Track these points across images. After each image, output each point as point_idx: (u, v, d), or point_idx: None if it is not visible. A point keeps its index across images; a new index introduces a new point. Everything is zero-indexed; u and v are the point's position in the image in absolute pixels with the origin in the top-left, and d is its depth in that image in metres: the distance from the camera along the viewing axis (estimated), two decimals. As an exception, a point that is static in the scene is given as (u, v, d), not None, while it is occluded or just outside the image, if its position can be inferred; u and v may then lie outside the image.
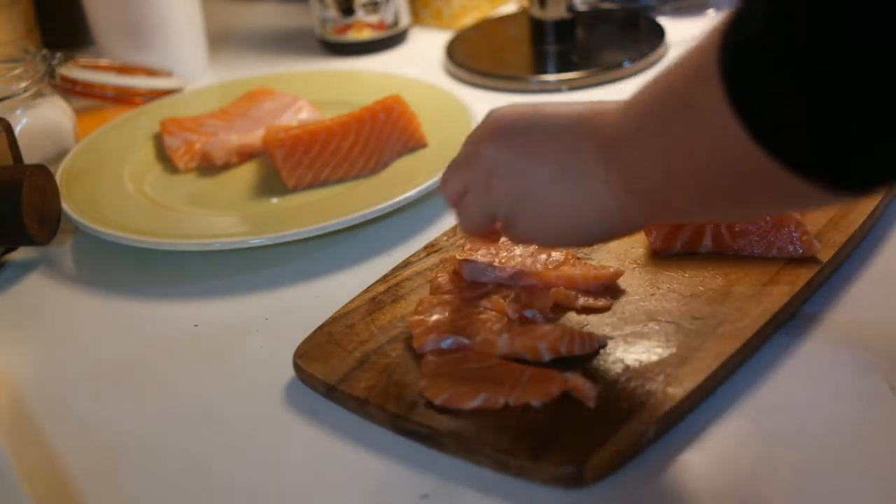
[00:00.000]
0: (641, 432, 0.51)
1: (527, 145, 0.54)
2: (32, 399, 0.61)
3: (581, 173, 0.52)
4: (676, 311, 0.59)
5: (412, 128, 0.82)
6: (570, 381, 0.53)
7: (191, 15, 1.05)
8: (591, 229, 0.54)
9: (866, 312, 0.60)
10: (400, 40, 1.10)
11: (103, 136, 0.89)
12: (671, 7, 1.10)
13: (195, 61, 1.07)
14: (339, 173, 0.79)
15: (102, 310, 0.70)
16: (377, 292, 0.64)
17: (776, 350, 0.58)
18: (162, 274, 0.73)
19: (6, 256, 0.76)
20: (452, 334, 0.57)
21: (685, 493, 0.50)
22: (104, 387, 0.62)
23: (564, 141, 0.53)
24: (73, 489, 0.54)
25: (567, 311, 0.61)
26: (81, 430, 0.59)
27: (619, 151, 0.50)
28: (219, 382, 0.61)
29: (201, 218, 0.77)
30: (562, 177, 0.52)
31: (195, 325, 0.67)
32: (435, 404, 0.54)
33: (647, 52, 0.98)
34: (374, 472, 0.53)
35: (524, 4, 1.12)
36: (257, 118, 0.89)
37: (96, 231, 0.74)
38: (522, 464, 0.50)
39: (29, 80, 0.82)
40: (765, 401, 0.54)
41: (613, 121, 0.50)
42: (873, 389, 0.54)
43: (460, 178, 0.58)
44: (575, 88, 0.95)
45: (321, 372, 0.58)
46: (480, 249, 0.65)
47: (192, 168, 0.85)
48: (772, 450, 0.51)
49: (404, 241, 0.73)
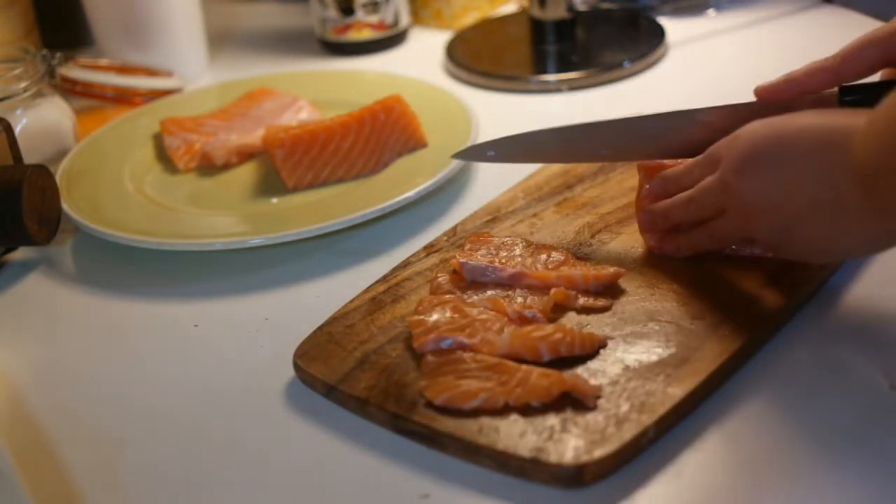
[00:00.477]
0: (641, 432, 0.51)
1: (780, 179, 0.55)
2: (32, 399, 0.61)
3: (839, 207, 0.53)
4: (676, 311, 0.59)
5: (412, 128, 0.82)
6: (570, 381, 0.53)
7: (191, 15, 1.05)
8: (860, 248, 0.56)
9: (866, 312, 0.60)
10: (400, 40, 1.10)
11: (103, 136, 0.89)
12: (671, 7, 1.10)
13: (195, 61, 1.07)
14: (339, 173, 0.80)
15: (102, 310, 0.70)
16: (377, 292, 0.64)
17: (776, 350, 0.58)
18: (162, 274, 0.73)
19: (6, 256, 0.76)
20: (452, 334, 0.57)
21: (685, 493, 0.50)
22: (104, 387, 0.62)
23: (816, 172, 0.53)
24: (73, 489, 0.54)
25: (567, 311, 0.61)
26: (81, 430, 0.59)
27: (878, 184, 0.50)
28: (219, 383, 0.61)
29: (201, 218, 0.77)
30: (820, 212, 0.54)
31: (195, 325, 0.67)
32: (435, 404, 0.54)
33: (647, 52, 0.98)
34: (374, 472, 0.53)
35: (524, 4, 1.12)
36: (257, 118, 0.89)
37: (96, 231, 0.74)
38: (522, 464, 0.50)
39: (29, 80, 0.82)
40: (764, 401, 0.54)
41: (863, 144, 0.51)
42: (873, 389, 0.54)
43: (709, 204, 0.60)
44: (575, 88, 0.95)
45: (321, 372, 0.58)
46: (481, 249, 0.66)
47: (192, 168, 0.85)
48: (771, 450, 0.51)
49: (404, 241, 0.73)
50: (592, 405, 0.53)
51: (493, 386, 0.54)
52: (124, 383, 0.62)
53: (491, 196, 0.75)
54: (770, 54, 0.97)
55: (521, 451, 0.51)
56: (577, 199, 0.72)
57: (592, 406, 0.53)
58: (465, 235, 0.69)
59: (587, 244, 0.67)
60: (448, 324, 0.58)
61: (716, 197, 0.59)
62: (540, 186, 0.75)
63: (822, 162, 0.53)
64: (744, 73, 0.95)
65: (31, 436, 0.58)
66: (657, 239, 0.64)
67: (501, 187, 0.76)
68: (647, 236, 0.65)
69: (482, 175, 0.81)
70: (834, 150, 0.52)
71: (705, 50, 1.01)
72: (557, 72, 0.96)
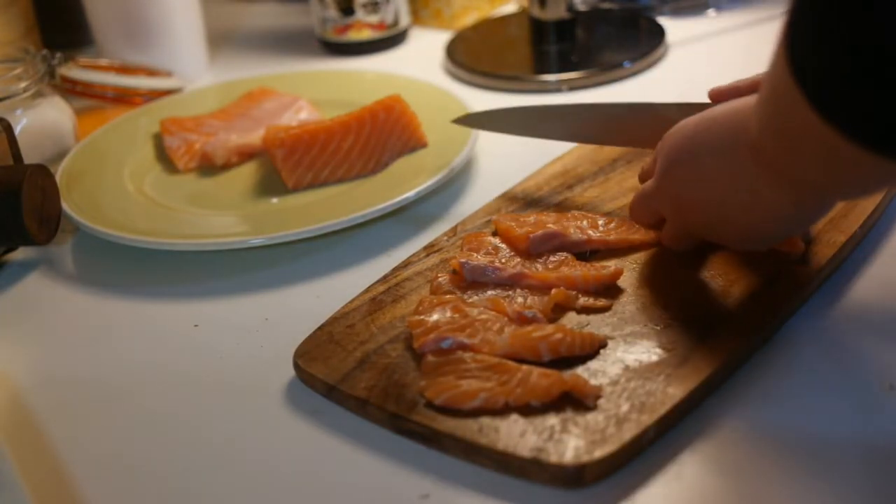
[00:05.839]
0: (642, 432, 0.51)
1: (700, 171, 0.57)
2: (32, 399, 0.61)
3: (752, 189, 0.54)
4: (676, 311, 0.59)
5: (412, 128, 0.82)
6: (571, 381, 0.53)
7: (191, 15, 1.05)
8: (780, 228, 0.57)
9: (866, 312, 0.60)
10: (400, 40, 1.10)
11: (103, 136, 0.89)
12: (671, 7, 1.10)
13: (195, 61, 1.07)
14: (339, 173, 0.79)
15: (102, 310, 0.70)
16: (377, 292, 0.64)
17: (776, 350, 0.58)
18: (162, 274, 0.73)
19: (6, 256, 0.76)
20: (452, 334, 0.57)
21: (685, 493, 0.50)
22: (104, 386, 0.62)
23: (728, 156, 0.55)
24: (73, 489, 0.54)
25: (567, 312, 0.61)
26: (81, 430, 0.59)
27: (767, 150, 0.51)
28: (219, 382, 0.61)
29: (201, 218, 0.77)
30: (738, 194, 0.55)
31: (195, 325, 0.67)
32: (435, 404, 0.54)
33: (647, 52, 0.98)
34: (374, 472, 0.53)
35: (524, 4, 1.12)
36: (257, 118, 0.89)
37: (96, 231, 0.73)
38: (522, 464, 0.50)
39: (29, 80, 0.82)
40: (765, 401, 0.54)
41: (754, 117, 0.52)
42: (873, 389, 0.54)
43: (649, 210, 0.63)
44: (575, 88, 0.95)
45: (321, 372, 0.58)
46: (481, 249, 0.66)
47: (192, 168, 0.85)
48: (772, 450, 0.51)
49: (404, 241, 0.73)
50: (593, 405, 0.53)
51: (494, 386, 0.54)
52: (124, 383, 0.62)
53: (491, 196, 0.75)
54: (770, 54, 0.97)
55: (521, 451, 0.51)
56: (577, 200, 0.72)
57: (593, 406, 0.53)
58: (464, 235, 0.69)
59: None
60: (448, 324, 0.58)
61: (652, 200, 0.61)
62: (540, 186, 0.75)
63: (731, 145, 0.54)
64: (744, 73, 0.95)
65: (31, 436, 0.58)
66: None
67: (501, 187, 0.76)
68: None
69: (482, 175, 0.81)
70: (739, 131, 0.54)
71: (705, 50, 1.01)
72: (557, 72, 0.96)
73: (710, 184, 0.56)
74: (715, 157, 0.56)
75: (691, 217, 0.59)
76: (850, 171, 0.48)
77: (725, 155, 0.55)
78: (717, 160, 0.55)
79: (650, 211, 0.63)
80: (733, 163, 0.54)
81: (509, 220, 0.68)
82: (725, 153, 0.55)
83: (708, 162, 0.56)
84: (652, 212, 0.63)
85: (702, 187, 0.57)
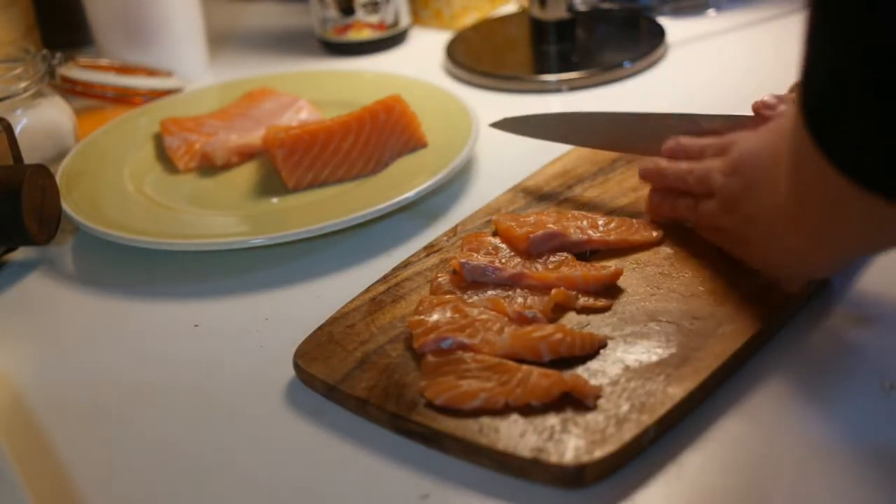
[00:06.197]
0: (642, 432, 0.51)
1: (750, 186, 0.58)
2: (32, 399, 0.61)
3: (778, 215, 0.55)
4: (676, 311, 0.59)
5: (412, 128, 0.82)
6: (571, 381, 0.53)
7: (191, 15, 1.05)
8: (789, 260, 0.58)
9: (866, 312, 0.60)
10: (400, 40, 1.10)
11: (103, 136, 0.89)
12: (671, 7, 1.10)
13: (195, 61, 1.07)
14: (339, 173, 0.79)
15: (102, 310, 0.70)
16: (377, 292, 0.64)
17: (776, 350, 0.58)
18: (162, 274, 0.73)
19: (6, 256, 0.76)
20: (453, 334, 0.57)
21: (685, 493, 0.50)
22: (104, 386, 0.62)
23: (770, 180, 0.55)
24: (73, 489, 0.54)
25: (567, 312, 0.61)
26: (81, 430, 0.59)
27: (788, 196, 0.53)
28: (219, 382, 0.61)
29: (201, 218, 0.77)
30: (768, 216, 0.56)
31: (195, 325, 0.67)
32: (435, 404, 0.54)
33: (647, 52, 0.98)
34: (374, 472, 0.53)
35: (524, 4, 1.12)
36: (257, 118, 0.89)
37: (96, 231, 0.73)
38: (523, 464, 0.50)
39: (29, 80, 0.82)
40: (765, 401, 0.54)
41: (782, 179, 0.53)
42: (873, 389, 0.54)
43: (706, 182, 0.62)
44: (575, 88, 0.95)
45: (321, 372, 0.58)
46: (481, 249, 0.66)
47: (192, 168, 0.85)
48: (771, 450, 0.51)
49: (404, 241, 0.73)
50: (593, 405, 0.53)
51: (494, 386, 0.54)
52: (124, 383, 0.62)
53: (491, 196, 0.75)
54: (770, 54, 0.97)
55: (521, 452, 0.51)
56: (577, 200, 0.72)
57: (593, 406, 0.53)
58: (464, 235, 0.69)
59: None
60: (448, 324, 0.58)
61: (711, 181, 0.61)
62: (540, 187, 0.75)
63: (774, 173, 0.55)
64: (744, 73, 0.95)
65: (31, 436, 0.58)
66: (652, 193, 0.67)
67: (501, 187, 0.76)
68: (650, 196, 0.68)
69: (482, 175, 0.81)
70: (778, 162, 0.54)
71: (705, 50, 1.01)
72: (557, 72, 0.96)
73: (754, 198, 0.57)
74: (764, 179, 0.56)
75: (732, 216, 0.60)
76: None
77: (769, 179, 0.55)
78: (763, 182, 0.56)
79: (704, 184, 0.62)
80: (773, 189, 0.55)
81: (509, 220, 0.68)
82: (769, 177, 0.55)
83: (760, 181, 0.57)
84: (704, 186, 0.62)
85: (747, 199, 0.58)
